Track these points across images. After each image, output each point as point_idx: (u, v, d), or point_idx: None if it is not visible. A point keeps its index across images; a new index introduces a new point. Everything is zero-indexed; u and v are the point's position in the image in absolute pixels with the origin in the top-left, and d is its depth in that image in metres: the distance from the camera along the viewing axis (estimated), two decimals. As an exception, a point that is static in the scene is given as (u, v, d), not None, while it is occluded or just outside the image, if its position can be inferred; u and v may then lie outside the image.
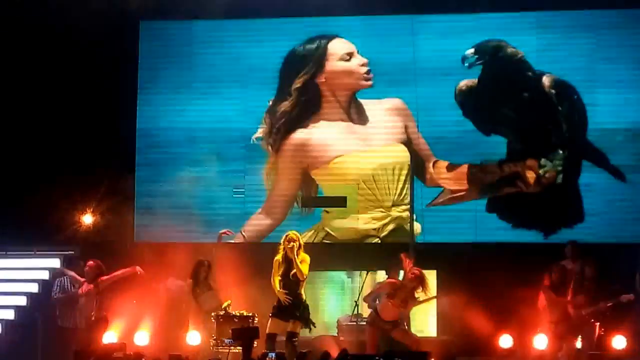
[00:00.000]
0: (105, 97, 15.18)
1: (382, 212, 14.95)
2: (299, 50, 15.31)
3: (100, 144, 15.05)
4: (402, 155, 14.99)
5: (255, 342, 12.21)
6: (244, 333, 11.71)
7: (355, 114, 15.22)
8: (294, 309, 12.23)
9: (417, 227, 14.71)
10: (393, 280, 12.91)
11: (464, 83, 14.84)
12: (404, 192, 14.85)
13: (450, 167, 14.88)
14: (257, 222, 15.21)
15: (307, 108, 15.25)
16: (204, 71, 15.60)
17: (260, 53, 15.47)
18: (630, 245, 14.09)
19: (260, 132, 15.33)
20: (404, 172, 14.88)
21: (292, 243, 12.32)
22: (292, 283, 12.27)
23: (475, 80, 14.81)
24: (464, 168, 14.80)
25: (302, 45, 15.32)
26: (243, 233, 15.20)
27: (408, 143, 14.99)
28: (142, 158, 15.56)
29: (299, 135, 15.27)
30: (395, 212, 14.87)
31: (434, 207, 14.81)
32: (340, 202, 14.86)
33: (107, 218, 15.28)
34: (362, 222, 14.98)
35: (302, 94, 15.23)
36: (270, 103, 15.33)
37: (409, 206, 14.59)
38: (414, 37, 15.13)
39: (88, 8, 14.97)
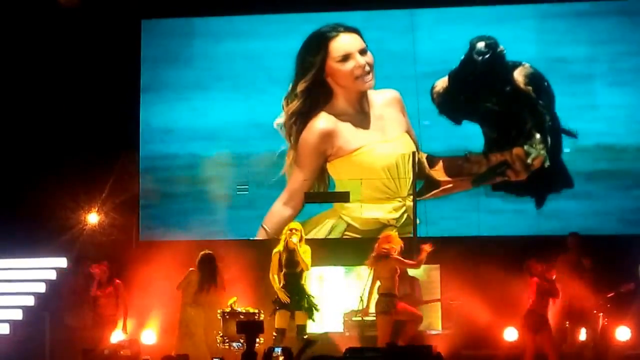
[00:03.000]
0: (108, 97, 15.24)
1: (400, 201, 14.98)
2: (303, 49, 15.28)
3: (104, 143, 15.10)
4: (412, 145, 15.07)
5: (262, 339, 12.35)
6: (248, 326, 11.81)
7: (365, 106, 15.21)
8: (300, 300, 12.30)
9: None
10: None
11: (438, 84, 14.85)
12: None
13: (436, 160, 14.90)
14: (278, 213, 15.09)
15: (318, 102, 15.20)
16: (207, 69, 15.60)
17: (261, 50, 15.46)
18: (632, 237, 14.14)
19: (280, 119, 15.27)
20: (417, 161, 14.87)
21: (294, 233, 12.39)
22: (295, 274, 12.33)
23: (446, 79, 14.85)
24: (451, 160, 14.82)
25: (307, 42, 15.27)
26: (265, 227, 15.15)
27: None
28: (146, 156, 15.58)
29: (323, 123, 15.17)
30: (409, 202, 14.89)
31: (427, 199, 14.83)
32: (343, 197, 14.88)
33: (112, 217, 15.35)
34: (384, 211, 15.00)
35: (311, 91, 15.17)
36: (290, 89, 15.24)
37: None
38: (413, 30, 15.14)
39: (89, 8, 15.08)
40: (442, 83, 14.92)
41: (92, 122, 15.22)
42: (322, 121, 15.13)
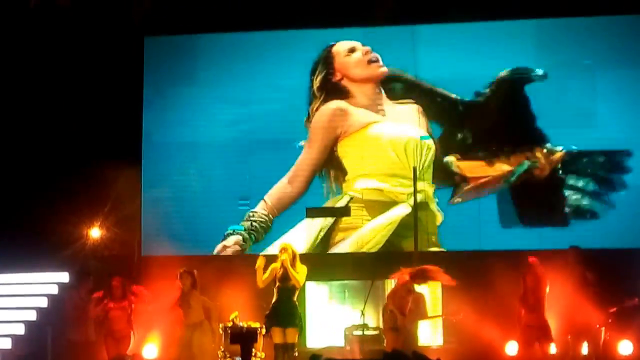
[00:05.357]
0: (111, 112, 15.29)
1: (409, 180, 14.93)
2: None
3: (107, 158, 15.10)
4: (418, 132, 15.12)
5: (263, 353, 12.35)
6: (243, 336, 11.81)
7: (382, 101, 15.30)
8: (291, 317, 12.31)
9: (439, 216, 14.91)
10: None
11: None
12: (427, 170, 14.94)
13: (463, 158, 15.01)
14: (280, 189, 15.20)
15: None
16: (210, 85, 15.65)
17: (263, 66, 15.53)
18: (636, 251, 14.13)
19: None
20: (429, 153, 14.97)
21: (283, 252, 12.46)
22: (287, 289, 12.36)
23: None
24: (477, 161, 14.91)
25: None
26: (265, 200, 15.20)
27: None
28: (148, 171, 15.61)
29: (335, 103, 15.34)
30: (422, 184, 14.90)
31: (458, 203, 14.87)
32: (344, 212, 14.95)
33: (114, 232, 15.37)
34: (390, 184, 15.00)
35: (328, 91, 15.36)
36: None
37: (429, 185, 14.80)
38: (414, 47, 15.21)
39: (93, 24, 15.18)
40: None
41: (94, 136, 15.24)
42: (335, 102, 15.31)
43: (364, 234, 14.96)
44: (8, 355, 14.10)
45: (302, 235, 15.01)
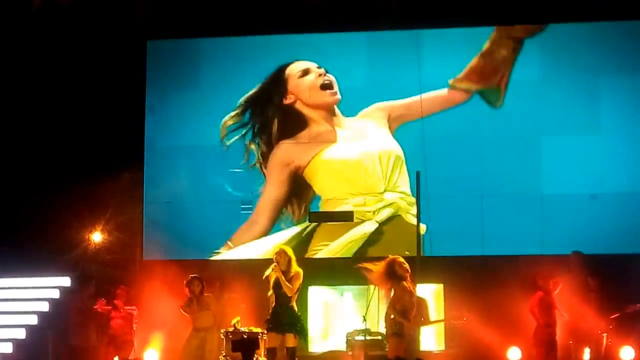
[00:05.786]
0: (113, 116, 15.29)
1: (374, 197, 14.99)
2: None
3: (108, 162, 15.13)
4: (388, 142, 15.08)
5: (264, 358, 12.34)
6: (243, 344, 11.83)
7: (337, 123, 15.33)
8: (289, 323, 12.28)
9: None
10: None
11: None
12: (396, 179, 14.91)
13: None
14: (244, 231, 15.23)
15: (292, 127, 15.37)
16: (212, 89, 15.64)
17: (265, 70, 15.51)
18: (637, 256, 14.11)
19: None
20: (392, 160, 14.95)
21: (278, 259, 12.42)
22: (284, 295, 12.33)
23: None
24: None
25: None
26: (229, 243, 15.22)
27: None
28: (150, 175, 15.61)
29: (286, 143, 15.37)
30: (390, 198, 14.91)
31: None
32: (347, 217, 14.94)
33: (116, 236, 15.37)
34: (355, 204, 15.01)
35: (281, 115, 15.36)
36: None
37: (403, 194, 14.76)
38: (418, 51, 15.19)
39: (96, 29, 15.19)
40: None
41: (96, 141, 15.26)
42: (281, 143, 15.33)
43: (332, 249, 15.09)
44: (9, 359, 14.09)
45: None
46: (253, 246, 15.11)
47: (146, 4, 15.29)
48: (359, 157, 15.09)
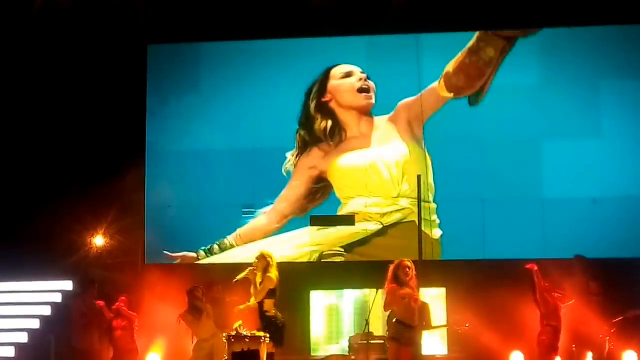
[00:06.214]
0: (114, 120, 15.30)
1: (386, 200, 15.03)
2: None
3: (110, 166, 15.13)
4: (401, 150, 15.14)
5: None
6: (244, 357, 11.77)
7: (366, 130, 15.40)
8: (262, 328, 12.29)
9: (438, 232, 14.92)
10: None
11: None
12: (408, 186, 14.94)
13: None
14: (256, 222, 15.30)
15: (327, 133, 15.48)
16: (213, 93, 15.67)
17: (266, 74, 15.54)
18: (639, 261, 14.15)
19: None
20: (405, 166, 15.04)
21: (255, 262, 12.45)
22: (261, 302, 12.36)
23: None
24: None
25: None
26: (238, 233, 15.26)
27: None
28: (152, 179, 15.61)
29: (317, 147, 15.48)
30: (402, 203, 14.96)
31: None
32: (349, 220, 14.95)
33: (118, 240, 15.35)
34: (367, 205, 15.08)
35: (320, 110, 15.44)
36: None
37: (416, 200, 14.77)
38: (418, 56, 15.22)
39: (97, 33, 15.19)
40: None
41: (98, 145, 15.27)
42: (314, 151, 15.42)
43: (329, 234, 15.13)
44: (11, 363, 14.11)
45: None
46: (256, 247, 15.08)
47: (147, 8, 15.30)
48: (374, 161, 15.14)
